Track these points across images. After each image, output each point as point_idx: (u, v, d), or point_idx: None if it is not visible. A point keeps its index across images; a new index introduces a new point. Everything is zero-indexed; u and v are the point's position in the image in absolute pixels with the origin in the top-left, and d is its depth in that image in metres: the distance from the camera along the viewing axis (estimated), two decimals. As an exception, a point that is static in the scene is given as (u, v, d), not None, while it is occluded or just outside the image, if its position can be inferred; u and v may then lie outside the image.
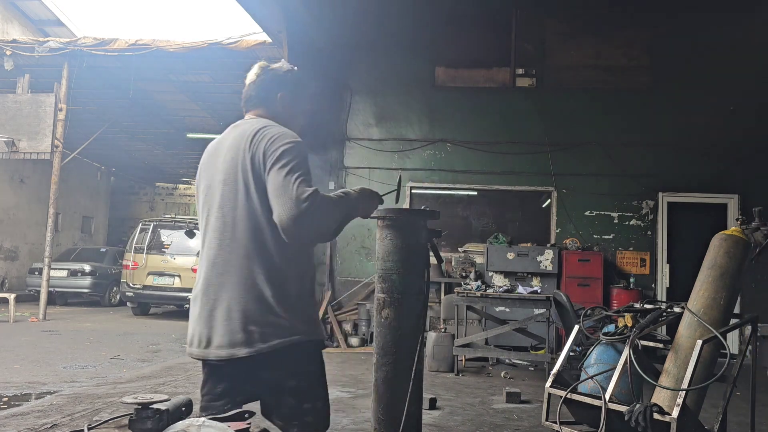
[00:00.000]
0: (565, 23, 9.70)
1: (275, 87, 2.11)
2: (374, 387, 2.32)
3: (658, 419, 2.89)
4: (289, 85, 2.13)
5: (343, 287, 9.40)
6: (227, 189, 1.92)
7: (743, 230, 3.41)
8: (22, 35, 14.65)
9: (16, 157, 11.33)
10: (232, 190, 1.91)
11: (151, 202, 23.62)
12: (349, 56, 9.77)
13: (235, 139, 1.98)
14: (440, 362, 6.89)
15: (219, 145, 2.06)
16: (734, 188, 8.90)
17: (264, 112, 2.09)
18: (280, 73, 2.14)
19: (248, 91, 2.13)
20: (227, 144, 2.00)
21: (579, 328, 3.65)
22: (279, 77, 2.13)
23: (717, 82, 9.11)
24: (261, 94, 2.10)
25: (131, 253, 12.28)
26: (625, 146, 9.15)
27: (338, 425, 4.38)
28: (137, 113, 14.44)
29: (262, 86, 2.11)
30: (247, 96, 2.13)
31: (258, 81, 2.11)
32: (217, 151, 2.04)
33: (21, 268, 16.20)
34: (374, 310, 2.40)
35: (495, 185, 9.41)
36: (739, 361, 3.33)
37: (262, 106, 2.10)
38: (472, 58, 9.84)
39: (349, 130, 9.69)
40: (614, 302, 8.34)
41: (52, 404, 4.64)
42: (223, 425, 1.41)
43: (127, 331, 9.61)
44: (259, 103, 2.10)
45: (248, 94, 2.12)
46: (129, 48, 10.43)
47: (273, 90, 2.11)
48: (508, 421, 4.75)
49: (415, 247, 2.34)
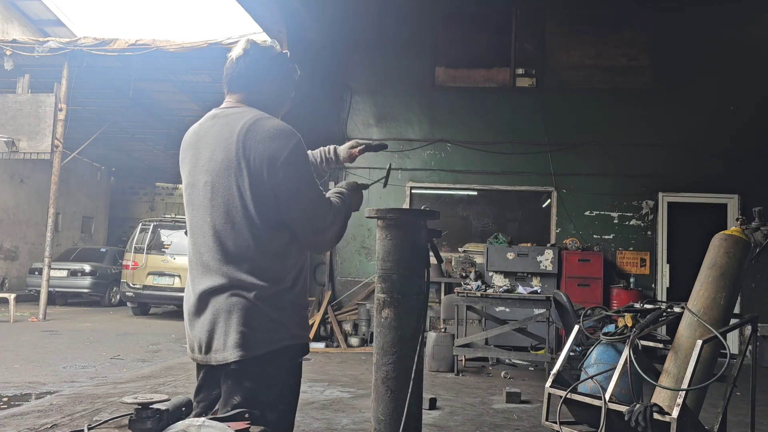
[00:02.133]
0: (565, 23, 9.70)
1: (265, 70, 1.93)
2: (374, 387, 2.32)
3: (658, 419, 2.89)
4: (280, 70, 1.97)
5: (343, 287, 9.40)
6: (217, 193, 1.81)
7: (743, 230, 3.41)
8: (22, 35, 14.65)
9: (16, 157, 11.34)
10: (224, 195, 1.80)
11: (151, 202, 23.62)
12: (349, 56, 9.77)
13: (221, 135, 1.83)
14: (440, 362, 6.89)
15: (198, 138, 1.91)
16: (734, 188, 8.90)
17: (248, 97, 1.92)
18: (273, 55, 1.96)
19: (235, 68, 1.92)
20: (211, 139, 1.85)
21: (579, 328, 3.64)
22: (271, 59, 1.95)
23: (717, 82, 9.11)
24: (250, 75, 1.91)
25: (131, 253, 12.27)
26: (625, 146, 9.15)
27: (338, 425, 4.38)
28: (137, 113, 14.44)
29: (251, 66, 1.91)
30: (232, 74, 1.93)
31: (247, 60, 1.91)
32: (198, 144, 1.90)
33: (21, 268, 16.20)
34: (374, 310, 2.40)
35: (495, 185, 9.41)
36: (739, 361, 3.33)
37: (248, 89, 1.92)
38: (472, 58, 9.85)
39: (349, 130, 9.69)
40: (614, 302, 8.34)
41: (52, 404, 4.64)
42: (222, 425, 1.41)
43: (127, 331, 9.61)
44: (246, 85, 1.92)
45: (235, 73, 1.92)
46: (129, 48, 10.43)
47: (263, 73, 1.93)
48: (508, 421, 4.75)
49: (415, 247, 2.34)
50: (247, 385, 1.79)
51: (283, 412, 1.86)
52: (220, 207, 1.81)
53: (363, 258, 9.44)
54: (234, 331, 1.78)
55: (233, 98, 1.95)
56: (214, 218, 1.82)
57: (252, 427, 1.56)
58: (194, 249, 1.89)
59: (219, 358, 1.81)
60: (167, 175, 22.63)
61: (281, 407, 1.85)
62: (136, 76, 11.48)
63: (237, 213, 1.79)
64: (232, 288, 1.80)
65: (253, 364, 1.79)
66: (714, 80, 9.12)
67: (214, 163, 1.82)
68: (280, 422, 1.84)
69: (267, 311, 1.80)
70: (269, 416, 1.78)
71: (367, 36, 9.73)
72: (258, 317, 1.79)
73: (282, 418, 1.86)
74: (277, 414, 1.83)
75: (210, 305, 1.83)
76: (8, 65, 10.93)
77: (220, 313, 1.81)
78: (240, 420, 1.58)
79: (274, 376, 1.83)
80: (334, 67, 9.66)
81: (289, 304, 1.86)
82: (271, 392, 1.82)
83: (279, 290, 1.83)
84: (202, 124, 1.95)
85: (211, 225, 1.83)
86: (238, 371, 1.80)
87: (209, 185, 1.83)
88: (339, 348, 8.26)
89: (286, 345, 1.83)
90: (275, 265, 1.83)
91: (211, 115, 1.94)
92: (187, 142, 1.98)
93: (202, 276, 1.86)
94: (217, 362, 1.82)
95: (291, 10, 8.79)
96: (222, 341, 1.80)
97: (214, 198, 1.82)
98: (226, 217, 1.80)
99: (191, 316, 1.90)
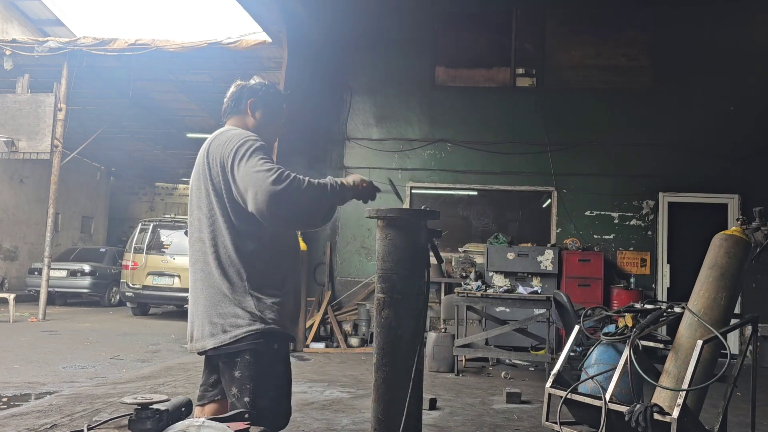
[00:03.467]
0: (565, 23, 9.70)
1: (245, 96, 2.30)
2: (374, 387, 2.31)
3: (658, 419, 2.89)
4: (258, 94, 2.31)
5: (343, 287, 9.40)
6: (194, 195, 2.18)
7: (744, 230, 3.41)
8: (21, 35, 14.63)
9: (15, 157, 11.32)
10: (198, 195, 2.15)
11: (150, 202, 23.62)
12: (349, 56, 9.77)
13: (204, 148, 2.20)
14: (440, 362, 6.88)
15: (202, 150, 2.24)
16: (734, 188, 8.90)
17: (237, 122, 2.29)
18: (251, 84, 2.34)
19: (225, 103, 2.35)
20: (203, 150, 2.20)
21: (579, 329, 3.64)
22: (249, 88, 2.33)
23: (717, 82, 9.10)
24: (231, 104, 2.32)
25: (131, 253, 12.26)
26: (626, 146, 9.15)
27: (338, 425, 4.38)
28: (137, 113, 14.44)
29: (233, 97, 2.32)
30: (223, 109, 2.36)
31: (231, 95, 2.33)
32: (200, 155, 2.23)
33: (20, 268, 16.20)
34: (374, 310, 2.39)
35: (495, 185, 9.41)
36: (740, 361, 3.32)
37: (234, 114, 2.31)
38: (472, 58, 9.85)
39: (349, 130, 9.69)
40: (614, 302, 8.34)
41: (52, 404, 4.64)
42: (222, 425, 1.41)
43: (126, 332, 9.60)
44: (230, 112, 2.31)
45: (224, 107, 2.35)
46: (129, 48, 10.43)
47: (243, 99, 2.30)
48: (509, 421, 4.75)
49: (415, 248, 2.33)
50: (237, 374, 2.00)
51: (275, 399, 2.05)
52: (197, 207, 2.15)
53: (363, 258, 9.43)
54: (208, 321, 2.05)
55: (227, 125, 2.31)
56: (194, 217, 2.17)
57: (252, 427, 1.56)
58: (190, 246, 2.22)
59: (198, 347, 2.08)
60: (167, 175, 22.64)
61: (271, 394, 2.03)
62: (136, 75, 11.47)
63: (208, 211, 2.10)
64: (207, 279, 2.07)
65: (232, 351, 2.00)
66: (714, 80, 9.11)
67: (197, 168, 2.20)
68: (272, 407, 2.02)
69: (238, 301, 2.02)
70: (260, 402, 1.98)
71: (367, 36, 9.73)
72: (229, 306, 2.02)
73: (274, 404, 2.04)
74: (268, 400, 2.01)
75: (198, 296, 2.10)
76: (8, 65, 10.93)
77: (198, 304, 2.09)
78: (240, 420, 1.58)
79: (258, 363, 2.01)
80: (334, 67, 9.65)
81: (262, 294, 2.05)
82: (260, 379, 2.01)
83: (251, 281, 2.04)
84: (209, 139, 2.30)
85: (193, 223, 2.18)
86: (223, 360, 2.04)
87: (194, 188, 2.20)
88: (339, 348, 8.26)
89: (258, 330, 2.00)
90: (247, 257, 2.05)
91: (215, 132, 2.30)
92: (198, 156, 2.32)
93: (192, 269, 2.16)
94: (197, 350, 2.09)
95: (291, 10, 8.78)
96: (200, 331, 2.07)
97: (193, 199, 2.19)
98: (200, 213, 2.13)
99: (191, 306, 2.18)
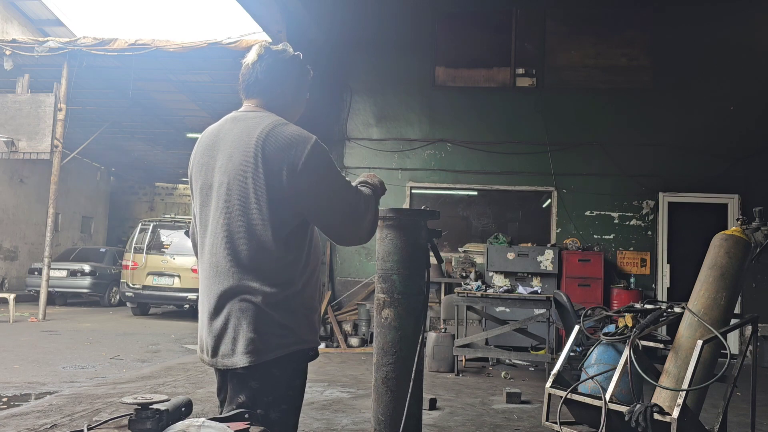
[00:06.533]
0: (565, 23, 9.70)
1: (281, 73, 1.95)
2: (374, 387, 2.32)
3: (658, 419, 2.89)
4: (295, 73, 2.00)
5: (343, 287, 9.40)
6: (233, 196, 1.80)
7: (744, 230, 3.41)
8: (21, 35, 14.65)
9: (15, 157, 11.32)
10: (240, 198, 1.79)
11: (150, 202, 23.61)
12: (349, 56, 9.77)
13: (240, 138, 1.83)
14: (440, 362, 6.88)
15: (217, 140, 1.90)
16: (734, 188, 8.90)
17: (265, 102, 1.94)
18: (287, 58, 1.98)
19: (251, 74, 1.94)
20: (230, 142, 1.85)
21: (579, 329, 3.64)
22: (286, 63, 1.97)
23: (717, 82, 9.11)
24: (266, 80, 1.93)
25: (131, 253, 12.26)
26: (626, 146, 9.15)
27: (338, 425, 4.38)
28: (137, 113, 14.44)
29: (267, 71, 1.93)
30: (249, 80, 1.94)
31: (264, 65, 1.93)
32: (215, 147, 1.89)
33: (20, 268, 16.20)
34: (374, 310, 2.39)
35: (495, 185, 9.41)
36: (740, 361, 3.32)
37: (265, 94, 1.94)
38: (472, 58, 9.85)
39: (349, 130, 9.69)
40: (614, 302, 8.34)
41: (52, 404, 4.64)
42: (222, 425, 1.41)
43: (126, 332, 9.60)
44: (263, 90, 1.94)
45: (252, 78, 1.93)
46: (128, 48, 10.42)
47: (279, 76, 1.95)
48: (509, 421, 4.74)
49: (415, 247, 2.33)
50: (253, 385, 1.81)
51: (286, 412, 1.87)
52: (235, 209, 1.81)
53: (363, 258, 9.43)
54: (243, 337, 1.78)
55: (252, 103, 1.96)
56: (228, 220, 1.82)
57: (252, 427, 1.56)
58: (208, 250, 1.87)
59: (228, 363, 1.81)
60: (167, 175, 22.64)
61: (284, 407, 1.86)
62: (136, 75, 11.46)
63: (251, 216, 1.79)
64: (242, 293, 1.80)
65: (261, 367, 1.80)
66: (714, 80, 9.11)
67: (232, 165, 1.82)
68: (282, 421, 1.85)
69: (276, 316, 1.80)
70: (272, 415, 1.81)
71: (367, 36, 9.73)
72: (267, 322, 1.79)
73: (285, 418, 1.87)
74: (279, 413, 1.84)
75: (225, 309, 1.82)
76: (8, 65, 10.92)
77: (230, 317, 1.81)
78: (240, 420, 1.58)
79: (279, 377, 1.84)
80: (334, 67, 9.65)
81: (299, 309, 1.86)
82: (275, 392, 1.83)
83: (288, 295, 1.82)
84: (222, 126, 1.94)
85: (225, 227, 1.82)
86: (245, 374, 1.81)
87: (225, 186, 1.82)
88: (339, 348, 8.26)
89: (295, 350, 1.84)
90: (285, 270, 1.82)
91: (231, 118, 1.94)
92: (203, 143, 1.96)
93: (214, 278, 1.85)
94: (225, 367, 1.82)
95: (291, 10, 8.78)
96: (230, 346, 1.80)
97: (229, 200, 1.82)
98: (240, 219, 1.80)
99: (208, 318, 1.87)
